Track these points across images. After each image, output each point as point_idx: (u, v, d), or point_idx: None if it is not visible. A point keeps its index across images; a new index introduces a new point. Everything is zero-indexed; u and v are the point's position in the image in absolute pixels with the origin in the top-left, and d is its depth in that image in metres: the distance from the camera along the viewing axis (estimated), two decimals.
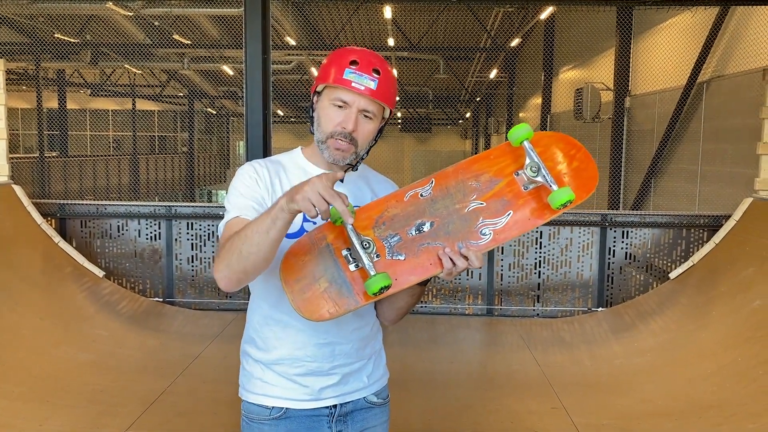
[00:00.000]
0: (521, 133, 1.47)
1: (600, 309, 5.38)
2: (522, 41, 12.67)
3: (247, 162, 1.66)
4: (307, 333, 1.58)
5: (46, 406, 3.46)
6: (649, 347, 4.44)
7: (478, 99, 20.16)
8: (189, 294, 5.59)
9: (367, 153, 1.63)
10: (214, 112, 21.84)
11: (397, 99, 1.64)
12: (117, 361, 4.23)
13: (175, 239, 5.57)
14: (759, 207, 4.83)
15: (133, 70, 16.17)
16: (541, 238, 5.46)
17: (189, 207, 5.74)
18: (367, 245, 1.42)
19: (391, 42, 12.76)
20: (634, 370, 4.20)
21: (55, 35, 12.13)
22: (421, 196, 1.50)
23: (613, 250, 5.44)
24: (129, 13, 9.96)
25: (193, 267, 5.58)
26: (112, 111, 21.97)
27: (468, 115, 22.86)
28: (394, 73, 1.64)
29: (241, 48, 4.96)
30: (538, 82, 12.69)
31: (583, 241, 5.45)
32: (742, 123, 6.18)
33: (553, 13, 9.95)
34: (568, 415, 3.58)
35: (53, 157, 14.49)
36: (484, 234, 1.47)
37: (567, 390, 3.94)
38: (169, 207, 5.61)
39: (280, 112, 19.92)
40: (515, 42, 12.44)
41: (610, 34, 9.21)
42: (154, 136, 23.57)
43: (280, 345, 1.60)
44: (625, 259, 5.44)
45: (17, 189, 5.18)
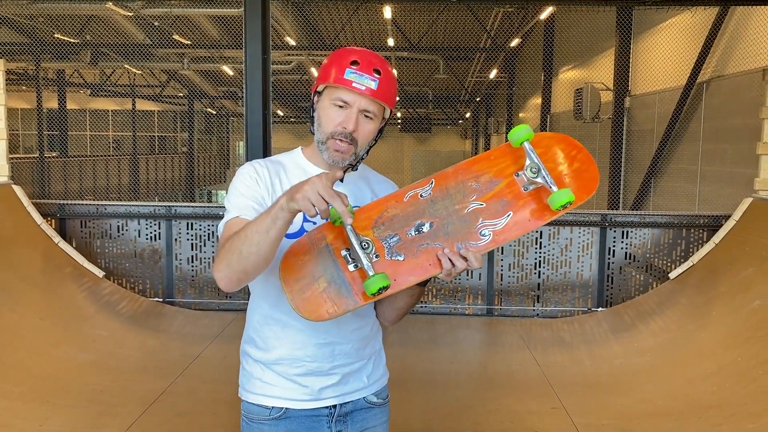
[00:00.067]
0: (521, 134, 1.47)
1: (600, 309, 5.38)
2: (522, 41, 12.67)
3: (247, 162, 1.66)
4: (307, 333, 1.58)
5: (46, 406, 3.46)
6: (649, 347, 4.44)
7: (478, 99, 20.17)
8: (189, 294, 5.59)
9: (366, 153, 1.63)
10: (214, 112, 21.84)
11: (397, 99, 1.64)
12: (117, 361, 4.23)
13: (175, 239, 5.57)
14: (759, 207, 4.83)
15: (133, 71, 16.18)
16: (541, 238, 5.46)
17: (189, 207, 5.74)
18: (366, 245, 1.42)
19: (390, 42, 12.76)
20: (634, 370, 4.20)
21: (55, 35, 12.14)
22: (420, 196, 1.49)
23: (613, 250, 5.44)
24: (129, 14, 9.97)
25: (193, 267, 5.58)
26: (112, 111, 21.97)
27: (468, 115, 22.86)
28: (395, 73, 1.63)
29: (241, 48, 4.96)
30: (537, 82, 12.69)
31: (583, 241, 5.45)
32: (742, 123, 6.18)
33: (552, 13, 9.94)
34: (568, 415, 3.58)
35: (53, 157, 14.49)
36: (483, 235, 1.47)
37: (567, 390, 3.94)
38: (169, 207, 5.61)
39: (280, 112, 19.93)
40: (515, 42, 12.44)
41: (610, 34, 9.21)
42: (154, 136, 23.57)
43: (280, 345, 1.60)
44: (625, 259, 5.44)
45: (17, 189, 5.18)
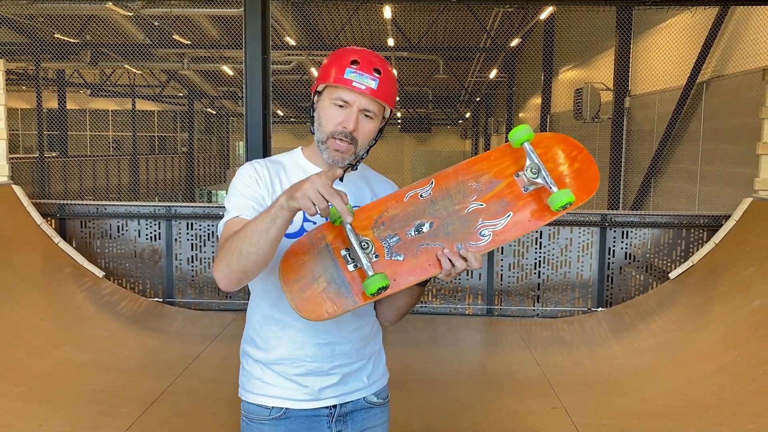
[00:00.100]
0: (522, 135, 1.47)
1: (600, 309, 5.38)
2: (522, 41, 12.67)
3: (247, 162, 1.66)
4: (307, 333, 1.58)
5: (46, 406, 3.46)
6: (649, 347, 4.44)
7: (478, 99, 20.17)
8: (189, 294, 5.59)
9: (366, 153, 1.63)
10: (214, 113, 21.84)
11: (397, 99, 1.64)
12: (117, 362, 4.23)
13: (175, 239, 5.57)
14: (759, 207, 4.83)
15: (133, 71, 16.18)
16: (540, 238, 5.46)
17: (189, 207, 5.74)
18: (365, 245, 1.42)
19: (390, 42, 12.76)
20: (634, 370, 4.20)
21: (55, 35, 12.14)
22: (420, 196, 1.49)
23: (613, 250, 5.44)
24: (129, 14, 9.97)
25: (192, 267, 5.58)
26: (112, 111, 21.97)
27: (468, 115, 22.87)
28: (395, 73, 1.63)
29: (241, 48, 4.96)
30: (537, 82, 12.68)
31: (583, 241, 5.45)
32: (742, 123, 6.17)
33: (552, 13, 9.94)
34: (568, 415, 3.58)
35: (53, 157, 14.49)
36: (483, 235, 1.47)
37: (567, 390, 3.94)
38: (169, 207, 5.61)
39: (280, 112, 19.93)
40: (515, 42, 12.44)
41: (610, 34, 9.20)
42: (154, 136, 23.57)
43: (280, 345, 1.60)
44: (625, 259, 5.44)
45: (17, 189, 5.18)
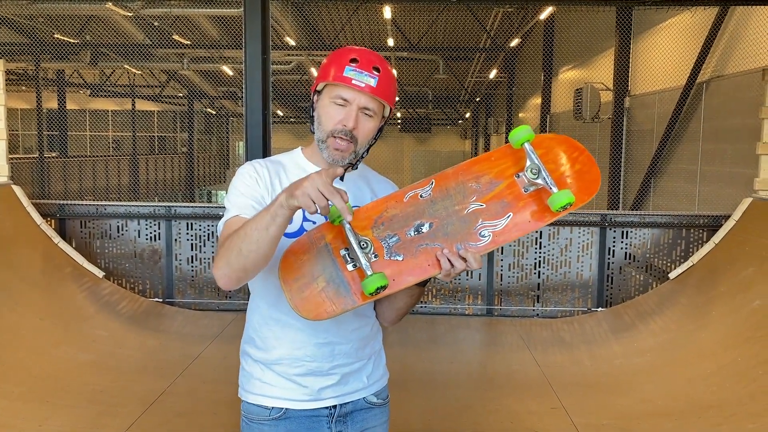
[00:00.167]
0: (522, 135, 1.47)
1: (600, 309, 5.38)
2: (521, 41, 12.67)
3: (247, 162, 1.66)
4: (307, 332, 1.58)
5: (46, 406, 3.46)
6: (649, 347, 4.44)
7: (478, 99, 20.17)
8: (189, 294, 5.59)
9: (366, 152, 1.63)
10: (214, 113, 21.83)
11: (397, 99, 1.64)
12: (117, 362, 4.23)
13: (175, 239, 5.57)
14: (758, 207, 4.83)
15: (133, 71, 16.18)
16: (540, 238, 5.46)
17: (189, 207, 5.74)
18: (364, 245, 1.42)
19: (390, 42, 12.76)
20: (634, 370, 4.20)
21: (55, 35, 12.14)
22: (420, 197, 1.49)
23: (613, 250, 5.44)
24: (128, 14, 9.97)
25: (192, 267, 5.58)
26: (112, 111, 21.97)
27: (468, 115, 22.87)
28: (394, 73, 1.63)
29: (241, 48, 4.96)
30: (537, 82, 12.69)
31: (583, 241, 5.45)
32: (742, 123, 6.18)
33: (552, 14, 9.94)
34: (568, 415, 3.58)
35: (53, 157, 14.48)
36: (483, 236, 1.46)
37: (567, 390, 3.94)
38: (169, 207, 5.61)
39: (280, 113, 19.93)
40: (515, 42, 12.44)
41: (610, 34, 9.21)
42: (154, 136, 23.57)
43: (280, 345, 1.60)
44: (625, 259, 5.44)
45: (17, 189, 5.18)
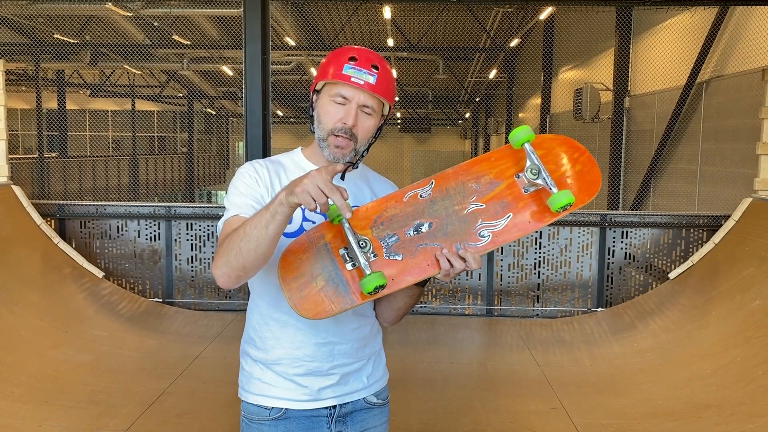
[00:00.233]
0: (522, 135, 1.47)
1: (599, 309, 5.38)
2: (521, 41, 12.67)
3: (246, 162, 1.66)
4: (306, 332, 1.58)
5: (45, 406, 3.46)
6: (649, 347, 4.44)
7: (478, 99, 20.17)
8: (188, 294, 5.59)
9: (367, 150, 1.63)
10: (214, 113, 21.83)
11: (396, 99, 1.64)
12: (116, 362, 4.23)
13: (175, 240, 5.57)
14: (758, 207, 4.83)
15: (133, 71, 16.18)
16: (540, 238, 5.46)
17: (188, 207, 5.74)
18: (363, 244, 1.42)
19: (390, 42, 12.76)
20: (634, 370, 4.20)
21: (55, 36, 12.14)
22: (420, 196, 1.49)
23: (613, 251, 5.44)
24: (128, 14, 9.97)
25: (192, 267, 5.58)
26: (112, 111, 21.97)
27: (467, 115, 22.88)
28: (394, 73, 1.64)
29: (241, 48, 4.96)
30: (537, 82, 12.69)
31: (583, 241, 5.45)
32: (742, 123, 6.18)
33: (552, 14, 9.94)
34: (568, 415, 3.58)
35: (53, 157, 14.49)
36: (482, 236, 1.46)
37: (567, 390, 3.94)
38: (169, 207, 5.61)
39: (280, 113, 19.93)
40: (515, 42, 12.44)
41: (610, 34, 9.21)
42: (154, 136, 23.57)
43: (279, 345, 1.59)
44: (625, 259, 5.44)
45: (17, 190, 5.18)
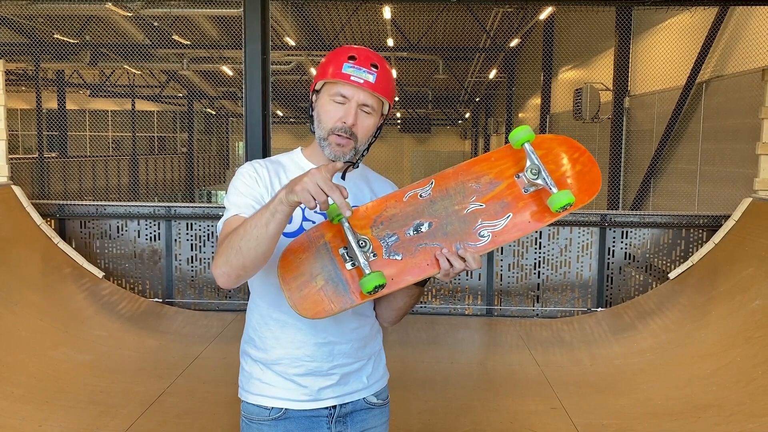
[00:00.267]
0: (522, 135, 1.47)
1: (599, 309, 5.38)
2: (521, 41, 12.67)
3: (246, 162, 1.66)
4: (306, 332, 1.58)
5: (45, 406, 3.46)
6: (649, 347, 4.44)
7: (478, 99, 20.18)
8: (188, 294, 5.59)
9: (367, 150, 1.63)
10: (214, 113, 21.84)
11: (396, 99, 1.64)
12: (116, 362, 4.23)
13: (175, 240, 5.57)
14: (758, 207, 4.83)
15: (133, 71, 16.18)
16: (540, 238, 5.46)
17: (188, 207, 5.74)
18: (363, 244, 1.42)
19: (390, 42, 12.76)
20: (634, 370, 4.20)
21: (55, 36, 12.14)
22: (420, 196, 1.49)
23: (613, 251, 5.44)
24: (128, 14, 9.97)
25: (192, 267, 5.58)
26: (112, 111, 21.97)
27: (467, 115, 22.88)
28: (393, 73, 1.64)
29: (241, 48, 4.96)
30: (537, 82, 12.69)
31: (583, 241, 5.45)
32: (742, 123, 6.18)
33: (552, 14, 9.94)
34: (568, 415, 3.58)
35: (52, 157, 14.49)
36: (482, 236, 1.46)
37: (567, 390, 3.94)
38: (169, 207, 5.61)
39: (280, 113, 19.92)
40: (514, 42, 12.44)
41: (610, 34, 9.21)
42: (154, 136, 23.57)
43: (279, 345, 1.59)
44: (625, 259, 5.44)
45: (16, 190, 5.18)
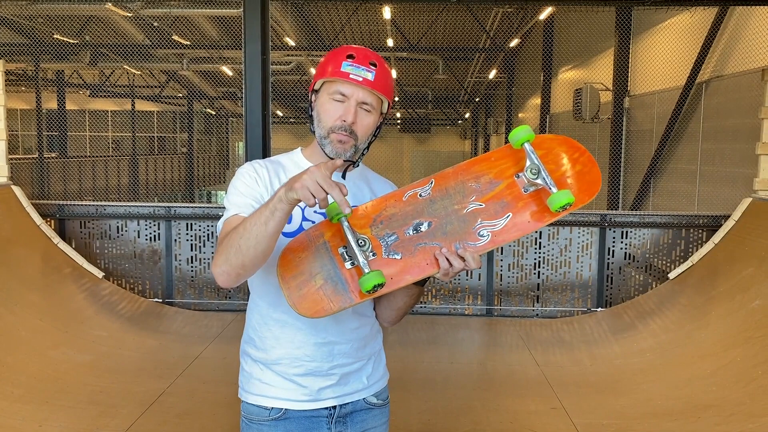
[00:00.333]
0: (522, 135, 1.47)
1: (599, 309, 5.38)
2: (521, 42, 12.67)
3: (246, 162, 1.66)
4: (306, 332, 1.58)
5: (45, 407, 3.46)
6: (649, 347, 4.44)
7: (478, 99, 20.18)
8: (188, 295, 5.59)
9: (367, 149, 1.64)
10: (214, 113, 21.84)
11: (396, 99, 1.65)
12: (116, 362, 4.23)
13: (175, 240, 5.57)
14: (758, 207, 4.83)
15: (133, 71, 16.18)
16: (540, 238, 5.46)
17: (188, 207, 5.74)
18: (362, 243, 1.42)
19: (390, 42, 12.77)
20: (634, 370, 4.20)
21: (55, 36, 12.14)
22: (420, 196, 1.49)
23: (613, 251, 5.44)
24: (128, 14, 9.96)
25: (192, 268, 5.58)
26: (112, 112, 21.97)
27: (467, 115, 22.89)
28: (393, 74, 1.64)
29: (241, 48, 4.96)
30: (537, 82, 12.70)
31: (583, 241, 5.45)
32: (741, 123, 6.18)
33: (552, 14, 9.95)
34: (568, 415, 3.58)
35: (52, 157, 14.49)
36: (482, 235, 1.46)
37: (567, 390, 3.94)
38: (169, 208, 5.61)
39: (280, 113, 19.93)
40: (514, 42, 12.44)
41: (609, 34, 9.21)
42: (154, 136, 23.57)
43: (279, 345, 1.59)
44: (625, 259, 5.44)
45: (16, 190, 5.18)
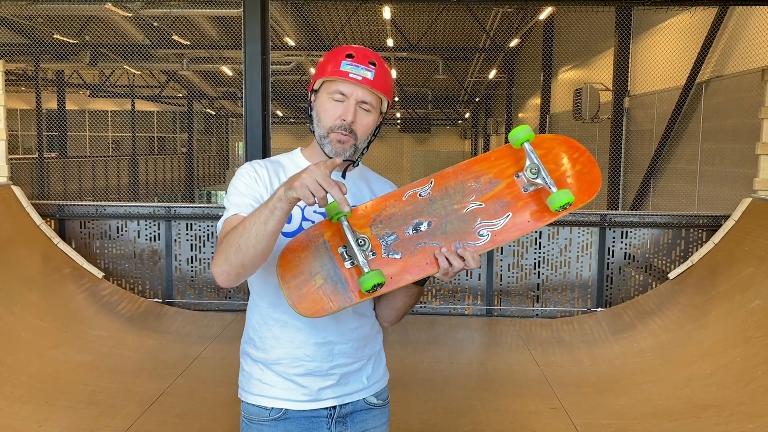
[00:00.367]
0: (522, 135, 1.47)
1: (599, 309, 5.38)
2: (521, 42, 12.68)
3: (246, 162, 1.66)
4: (306, 332, 1.58)
5: (45, 407, 3.46)
6: (649, 347, 4.44)
7: (477, 99, 20.18)
8: (188, 295, 5.59)
9: (366, 148, 1.64)
10: (213, 113, 21.84)
11: (396, 99, 1.65)
12: (116, 362, 4.23)
13: (175, 240, 5.57)
14: (758, 207, 4.83)
15: (132, 71, 16.18)
16: (540, 238, 5.46)
17: (188, 208, 5.74)
18: (362, 242, 1.42)
19: (390, 42, 12.77)
20: (634, 370, 4.20)
21: (54, 36, 12.14)
22: (419, 195, 1.49)
23: (613, 251, 5.44)
24: (128, 14, 9.96)
25: (192, 268, 5.58)
26: (111, 112, 21.97)
27: (467, 115, 22.90)
28: (393, 74, 1.64)
29: (240, 48, 4.96)
30: (537, 82, 12.70)
31: (583, 241, 5.45)
32: (741, 123, 6.18)
33: (552, 14, 9.95)
34: (568, 415, 3.58)
35: (52, 158, 14.49)
36: (481, 235, 1.46)
37: (567, 390, 3.94)
38: (169, 208, 5.61)
39: (280, 113, 19.93)
40: (514, 42, 12.44)
41: (609, 34, 9.21)
42: (154, 136, 23.58)
43: (279, 345, 1.59)
44: (625, 259, 5.44)
45: (16, 190, 5.18)
